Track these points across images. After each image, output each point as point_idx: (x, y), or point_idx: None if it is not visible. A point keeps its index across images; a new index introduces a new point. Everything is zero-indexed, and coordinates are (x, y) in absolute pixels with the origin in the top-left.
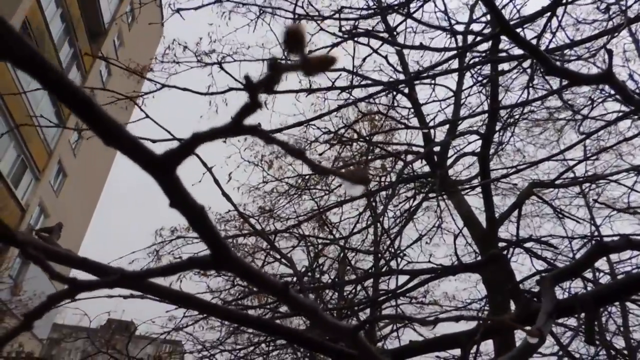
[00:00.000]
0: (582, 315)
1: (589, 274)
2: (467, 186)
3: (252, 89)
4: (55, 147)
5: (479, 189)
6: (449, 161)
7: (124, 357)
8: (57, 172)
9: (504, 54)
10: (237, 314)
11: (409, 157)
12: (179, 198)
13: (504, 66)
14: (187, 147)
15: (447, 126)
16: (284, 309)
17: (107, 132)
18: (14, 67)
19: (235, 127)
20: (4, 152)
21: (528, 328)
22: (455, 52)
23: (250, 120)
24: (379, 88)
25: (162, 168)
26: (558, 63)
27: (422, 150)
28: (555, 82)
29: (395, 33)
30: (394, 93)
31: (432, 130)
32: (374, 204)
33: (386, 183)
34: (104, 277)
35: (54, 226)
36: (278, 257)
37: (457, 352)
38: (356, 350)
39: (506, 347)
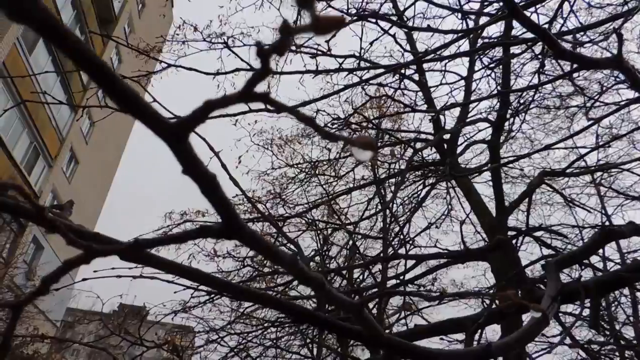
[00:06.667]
0: (587, 301)
1: (599, 264)
2: (477, 172)
3: (263, 54)
4: (68, 135)
5: (488, 177)
6: (459, 149)
7: (136, 339)
8: (69, 159)
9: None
10: (247, 291)
11: (419, 144)
12: (192, 165)
13: (516, 51)
14: (200, 114)
15: (457, 114)
16: (292, 293)
17: (124, 98)
18: (35, 31)
19: (246, 94)
20: (17, 138)
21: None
22: (464, 33)
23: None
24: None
25: (176, 135)
26: (570, 47)
27: (431, 137)
28: (568, 68)
29: (405, 18)
30: (400, 77)
31: (441, 117)
32: (383, 191)
33: (395, 170)
34: (118, 244)
35: (65, 203)
36: (285, 242)
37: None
38: (360, 325)
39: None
